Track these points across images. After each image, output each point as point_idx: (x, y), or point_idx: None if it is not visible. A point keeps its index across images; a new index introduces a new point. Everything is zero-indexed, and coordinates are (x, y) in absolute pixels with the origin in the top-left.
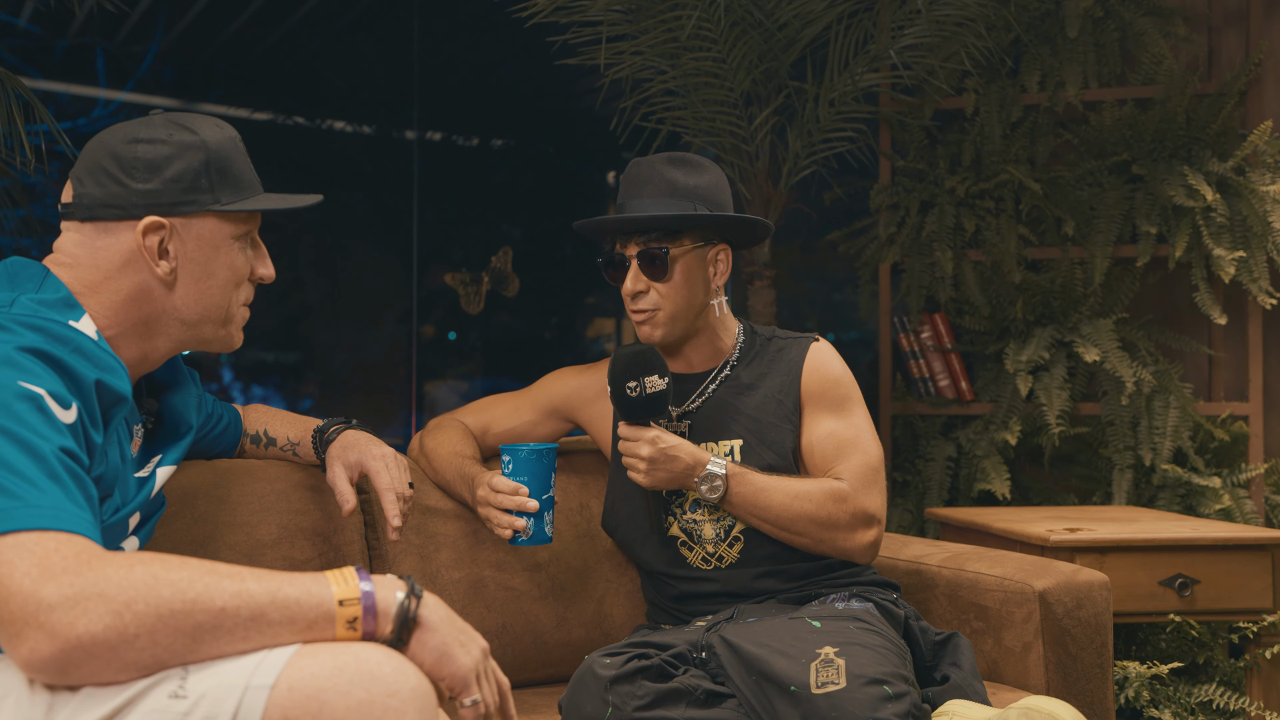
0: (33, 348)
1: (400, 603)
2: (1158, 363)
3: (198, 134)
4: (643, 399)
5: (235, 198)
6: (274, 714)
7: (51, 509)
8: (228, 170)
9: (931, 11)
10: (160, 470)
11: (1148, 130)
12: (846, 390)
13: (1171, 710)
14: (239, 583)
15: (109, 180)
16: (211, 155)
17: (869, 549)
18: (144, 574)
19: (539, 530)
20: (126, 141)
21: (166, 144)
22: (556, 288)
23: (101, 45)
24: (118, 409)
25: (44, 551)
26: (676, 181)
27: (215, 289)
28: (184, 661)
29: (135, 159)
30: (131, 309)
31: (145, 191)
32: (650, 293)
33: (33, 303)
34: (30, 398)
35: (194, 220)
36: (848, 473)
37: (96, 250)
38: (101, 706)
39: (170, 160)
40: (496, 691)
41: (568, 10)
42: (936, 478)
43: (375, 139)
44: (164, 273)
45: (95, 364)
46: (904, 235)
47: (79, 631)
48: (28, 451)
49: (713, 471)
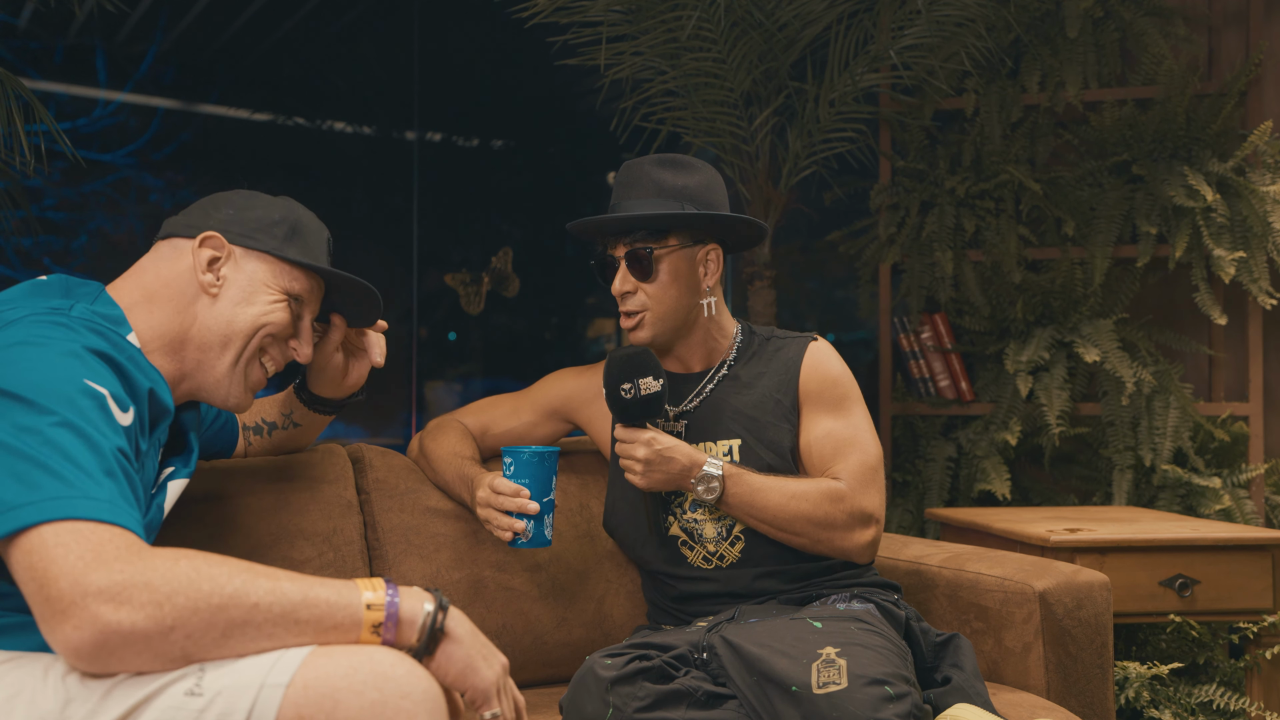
0: (97, 349)
1: (428, 614)
2: (1158, 363)
3: (288, 203)
4: (638, 401)
5: (297, 255)
6: (288, 712)
7: (108, 502)
8: (302, 234)
9: (931, 12)
10: (171, 484)
11: (1148, 130)
12: (845, 390)
13: (1172, 711)
14: (273, 581)
15: (199, 211)
16: (292, 216)
17: (867, 549)
18: (188, 568)
19: (539, 533)
20: (231, 192)
21: (260, 199)
22: (556, 288)
23: (101, 46)
24: (161, 421)
25: (99, 540)
26: (664, 182)
27: (247, 317)
28: (213, 656)
29: (229, 199)
30: (174, 322)
31: (221, 219)
32: (638, 294)
33: (90, 310)
34: (94, 396)
35: (252, 256)
36: (845, 472)
37: (162, 261)
38: (119, 704)
39: (255, 206)
40: (513, 708)
41: (568, 10)
42: (936, 478)
43: (375, 139)
44: (208, 282)
45: (146, 374)
46: (904, 235)
47: (120, 618)
48: (89, 445)
49: (709, 472)
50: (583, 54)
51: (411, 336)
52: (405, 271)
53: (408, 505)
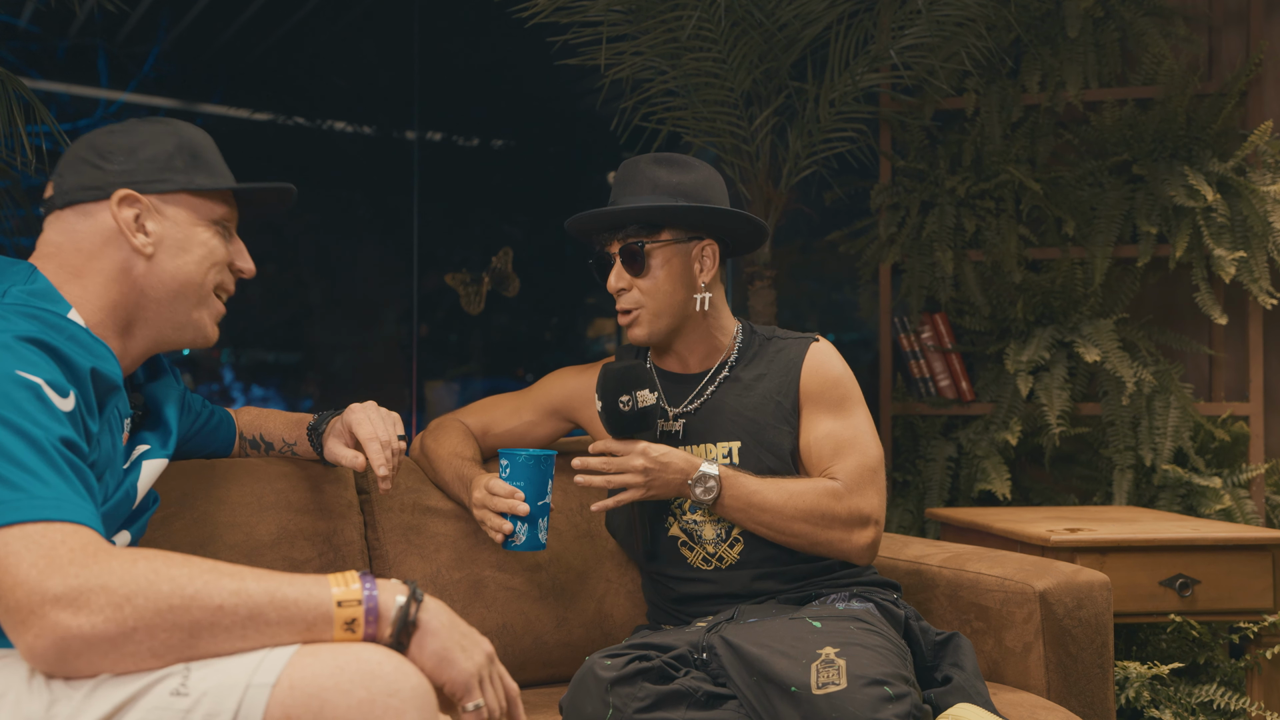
0: (29, 336)
1: (400, 606)
2: (1158, 363)
3: (170, 125)
4: (635, 413)
5: (209, 182)
6: (275, 712)
7: (55, 500)
8: (200, 156)
9: (932, 12)
10: (146, 462)
11: (1148, 130)
12: (846, 390)
13: (1172, 710)
14: (238, 581)
15: (86, 166)
16: (184, 141)
17: (866, 550)
18: (146, 569)
19: (533, 536)
20: (104, 134)
21: (139, 132)
22: (557, 288)
23: (103, 46)
24: (111, 397)
25: (51, 543)
26: (659, 179)
27: (191, 264)
28: (182, 658)
29: (111, 145)
30: (113, 290)
31: (120, 171)
32: (633, 290)
33: (24, 293)
34: (28, 386)
35: (169, 200)
36: (843, 473)
37: (77, 234)
38: (103, 703)
39: (145, 144)
40: (503, 696)
41: (568, 10)
42: (937, 478)
43: (376, 139)
44: (142, 245)
45: (89, 352)
46: (904, 235)
47: (80, 623)
48: (28, 442)
49: (706, 472)
50: (583, 54)
51: (412, 336)
52: (405, 271)
53: (408, 505)
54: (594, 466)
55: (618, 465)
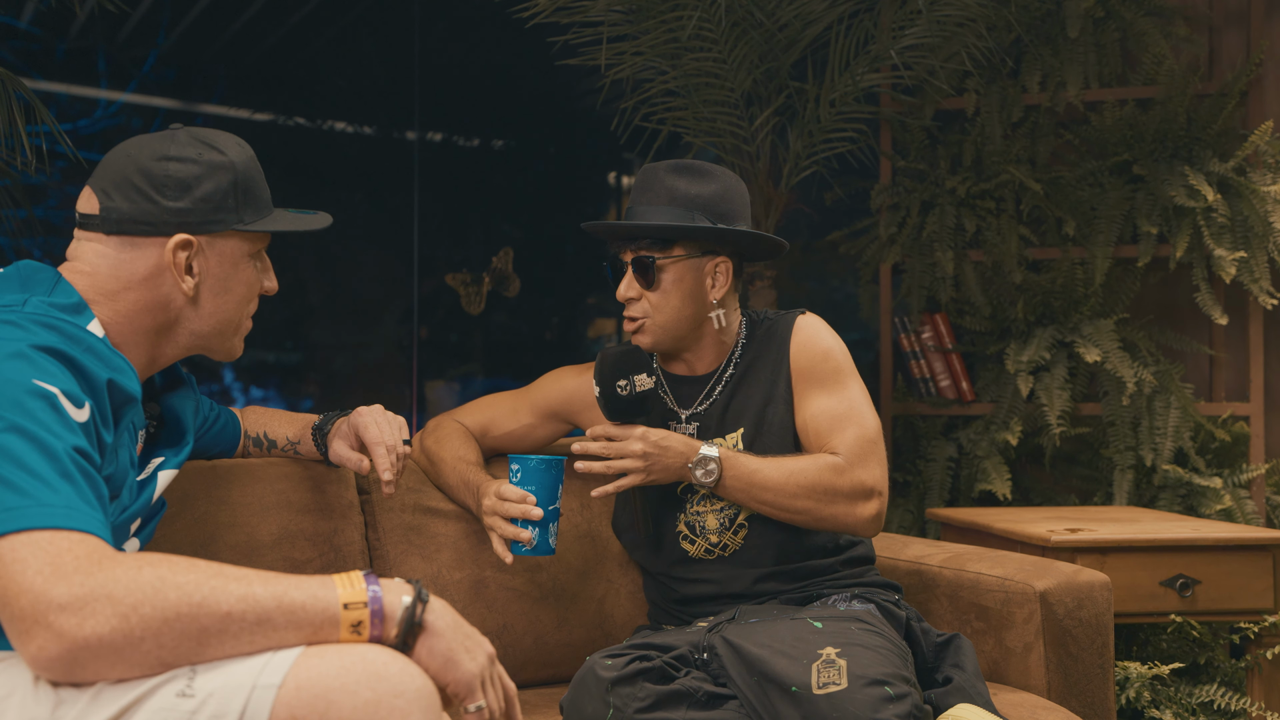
0: (47, 346)
1: (406, 607)
2: (1158, 363)
3: (225, 154)
4: (632, 397)
5: (256, 217)
6: (281, 713)
7: (64, 508)
8: (251, 190)
9: (932, 12)
10: (161, 474)
11: (1148, 130)
12: (837, 363)
13: (1172, 711)
14: (245, 586)
15: (139, 196)
16: (238, 176)
17: (871, 522)
18: (152, 576)
19: (543, 540)
20: (156, 159)
21: (197, 164)
22: (557, 288)
23: (103, 46)
24: (128, 409)
25: (56, 551)
26: (677, 190)
27: (232, 304)
28: (190, 662)
29: (166, 176)
30: (146, 318)
31: (176, 210)
32: (642, 301)
33: (44, 304)
34: (44, 396)
35: (219, 238)
36: (843, 446)
37: (120, 263)
38: (109, 705)
39: (201, 180)
40: (503, 697)
41: (568, 11)
42: (937, 478)
43: (376, 139)
44: (188, 288)
45: (106, 364)
46: (905, 235)
47: (86, 633)
48: (41, 449)
49: (706, 454)
50: (583, 54)
51: (412, 336)
52: (406, 271)
53: (409, 505)
54: (594, 450)
55: (616, 450)
